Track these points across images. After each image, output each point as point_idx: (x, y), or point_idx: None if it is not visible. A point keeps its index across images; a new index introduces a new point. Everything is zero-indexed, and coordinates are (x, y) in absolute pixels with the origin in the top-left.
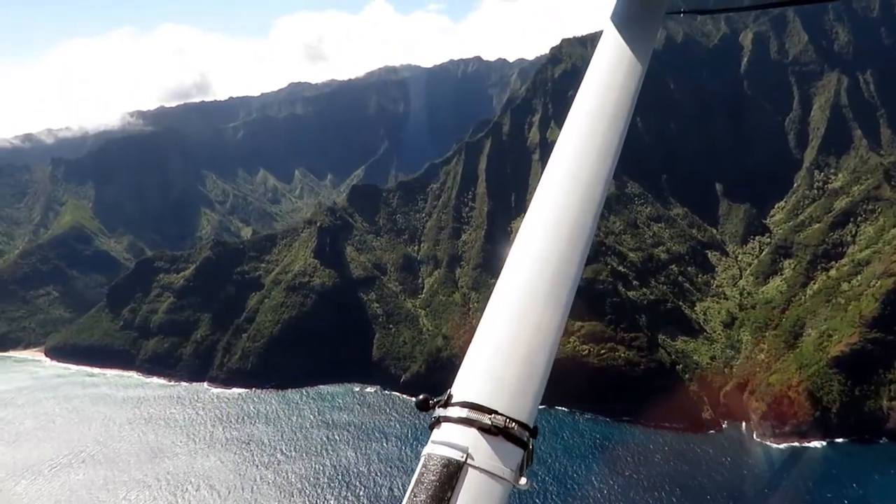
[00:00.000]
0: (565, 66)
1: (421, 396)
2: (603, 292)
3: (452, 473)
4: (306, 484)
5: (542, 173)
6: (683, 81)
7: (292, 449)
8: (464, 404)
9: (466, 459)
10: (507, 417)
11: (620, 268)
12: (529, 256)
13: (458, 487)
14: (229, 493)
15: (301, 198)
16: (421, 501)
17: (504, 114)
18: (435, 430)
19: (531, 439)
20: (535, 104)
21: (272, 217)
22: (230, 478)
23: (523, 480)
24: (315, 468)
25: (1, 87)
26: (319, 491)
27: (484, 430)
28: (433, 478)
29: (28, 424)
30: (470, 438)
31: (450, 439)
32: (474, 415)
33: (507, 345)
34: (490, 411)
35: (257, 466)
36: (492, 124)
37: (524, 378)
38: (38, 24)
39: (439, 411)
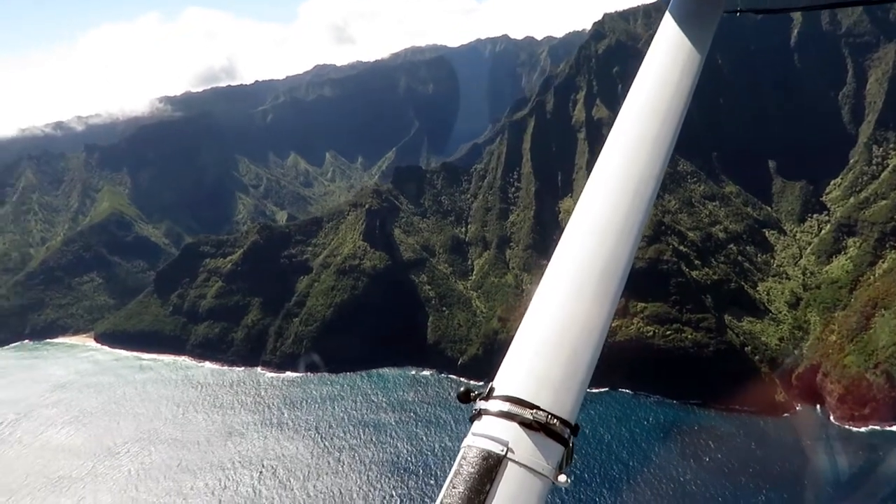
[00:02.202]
0: (609, 41)
1: (462, 388)
2: (667, 273)
3: (492, 466)
4: (384, 468)
5: (588, 152)
6: (732, 55)
7: (361, 432)
8: (505, 398)
9: (507, 453)
10: (549, 413)
11: (682, 247)
12: (577, 252)
13: (497, 480)
14: (305, 477)
15: (333, 181)
16: (460, 493)
17: (546, 92)
18: (476, 423)
19: (572, 437)
20: (579, 81)
21: (306, 201)
22: (306, 460)
23: (563, 478)
24: (390, 452)
25: (31, 77)
26: (399, 475)
27: (525, 425)
28: (472, 470)
29: (96, 407)
30: (511, 433)
31: (490, 432)
32: (516, 409)
33: (551, 340)
34: (532, 406)
35: (330, 450)
36: (534, 102)
37: (568, 375)
38: (64, 13)
39: (480, 404)
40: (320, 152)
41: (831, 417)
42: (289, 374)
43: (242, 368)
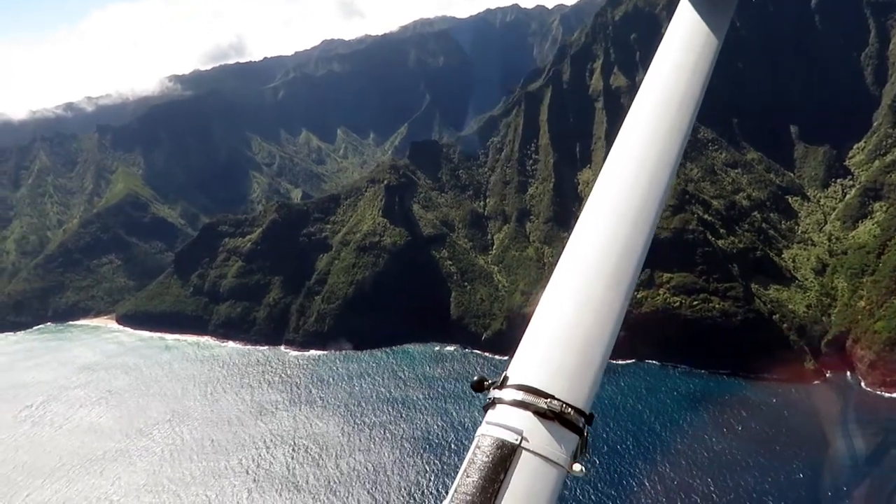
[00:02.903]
0: (626, 7)
1: (476, 377)
2: (693, 242)
3: (506, 455)
4: (416, 444)
5: (607, 122)
6: (751, 18)
7: (390, 408)
8: (520, 387)
9: (521, 442)
10: (564, 402)
11: (706, 216)
12: (592, 240)
13: (511, 469)
14: (338, 455)
15: (346, 157)
16: (474, 482)
17: (562, 61)
18: (490, 412)
19: (587, 426)
20: (596, 50)
21: (320, 178)
22: (337, 438)
23: (577, 467)
24: (421, 428)
25: (39, 59)
26: (432, 449)
27: (539, 414)
28: (486, 459)
29: (124, 387)
30: (525, 422)
31: (504, 421)
32: (530, 398)
33: (566, 329)
34: (546, 395)
35: (360, 427)
36: (550, 73)
37: (582, 364)
38: None
39: (495, 393)
40: (332, 129)
41: (862, 384)
42: (313, 351)
43: (266, 347)
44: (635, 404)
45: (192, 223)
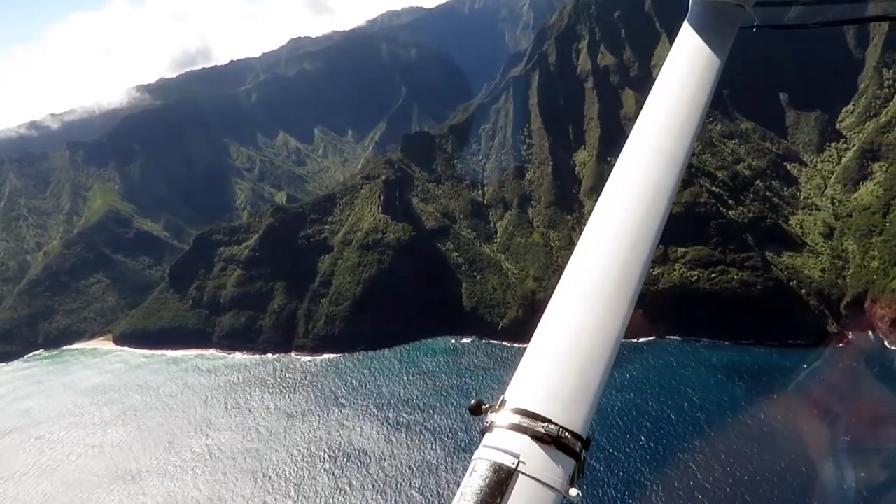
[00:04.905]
0: None
1: (473, 401)
2: (706, 215)
3: (503, 479)
4: (458, 437)
5: (598, 101)
6: None
7: (420, 405)
8: (517, 411)
9: (518, 466)
10: (561, 427)
11: (714, 188)
12: (591, 263)
13: (508, 493)
14: (380, 457)
15: (326, 157)
16: None
17: (546, 43)
18: (487, 435)
19: (584, 450)
20: (580, 30)
21: (303, 179)
22: (374, 439)
23: (574, 491)
24: (458, 421)
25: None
26: (477, 441)
27: (536, 438)
28: (483, 483)
29: (140, 405)
30: (522, 445)
31: (501, 445)
32: (527, 422)
33: (564, 353)
34: (544, 419)
35: (395, 426)
36: (536, 56)
37: (580, 388)
38: (30, 10)
39: (492, 416)
40: (309, 128)
41: (885, 343)
42: (326, 355)
43: (276, 355)
44: (669, 379)
45: (177, 235)
